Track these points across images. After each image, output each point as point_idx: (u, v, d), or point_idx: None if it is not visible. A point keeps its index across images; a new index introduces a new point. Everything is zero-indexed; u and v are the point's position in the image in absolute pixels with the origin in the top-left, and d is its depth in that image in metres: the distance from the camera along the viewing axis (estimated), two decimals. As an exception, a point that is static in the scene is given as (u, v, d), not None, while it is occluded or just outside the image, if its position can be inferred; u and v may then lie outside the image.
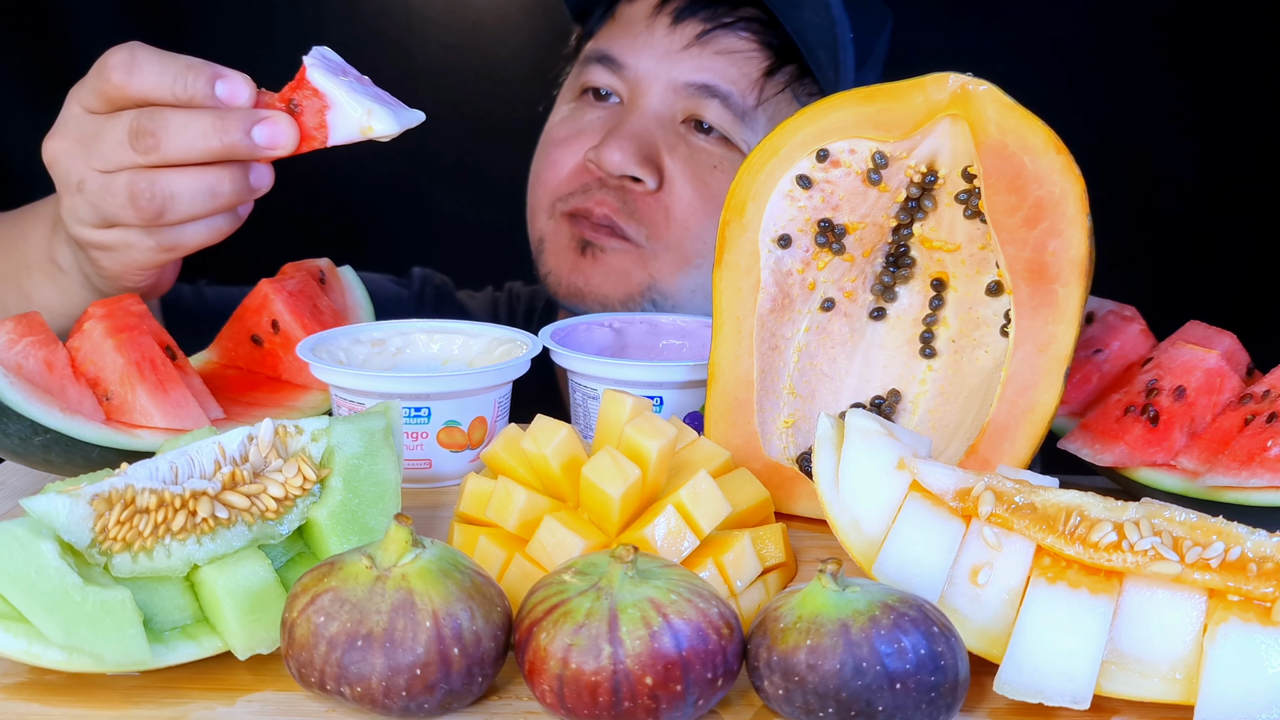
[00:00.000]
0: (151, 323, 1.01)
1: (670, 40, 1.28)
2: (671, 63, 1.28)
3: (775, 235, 0.95)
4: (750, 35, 1.28)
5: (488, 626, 0.67)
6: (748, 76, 1.28)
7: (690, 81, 1.28)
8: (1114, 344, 1.05)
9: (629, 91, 1.30)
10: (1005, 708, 0.71)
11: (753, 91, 1.28)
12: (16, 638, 0.68)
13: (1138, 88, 2.13)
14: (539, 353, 1.03)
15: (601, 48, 1.32)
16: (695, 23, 1.28)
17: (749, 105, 1.28)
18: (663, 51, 1.28)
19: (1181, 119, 2.13)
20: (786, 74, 1.29)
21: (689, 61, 1.28)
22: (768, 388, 0.96)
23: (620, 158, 1.26)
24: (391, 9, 2.28)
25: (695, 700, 0.65)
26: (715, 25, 1.27)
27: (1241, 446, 0.91)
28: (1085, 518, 0.72)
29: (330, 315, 1.11)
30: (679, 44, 1.28)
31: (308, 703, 0.70)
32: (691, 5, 1.28)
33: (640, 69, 1.29)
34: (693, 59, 1.28)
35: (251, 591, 0.72)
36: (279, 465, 0.76)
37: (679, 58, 1.28)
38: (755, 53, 1.28)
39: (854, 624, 0.65)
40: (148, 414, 0.95)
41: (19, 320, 0.95)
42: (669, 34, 1.28)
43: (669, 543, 0.76)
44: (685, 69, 1.28)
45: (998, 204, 0.89)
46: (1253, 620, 0.68)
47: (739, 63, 1.28)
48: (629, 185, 1.28)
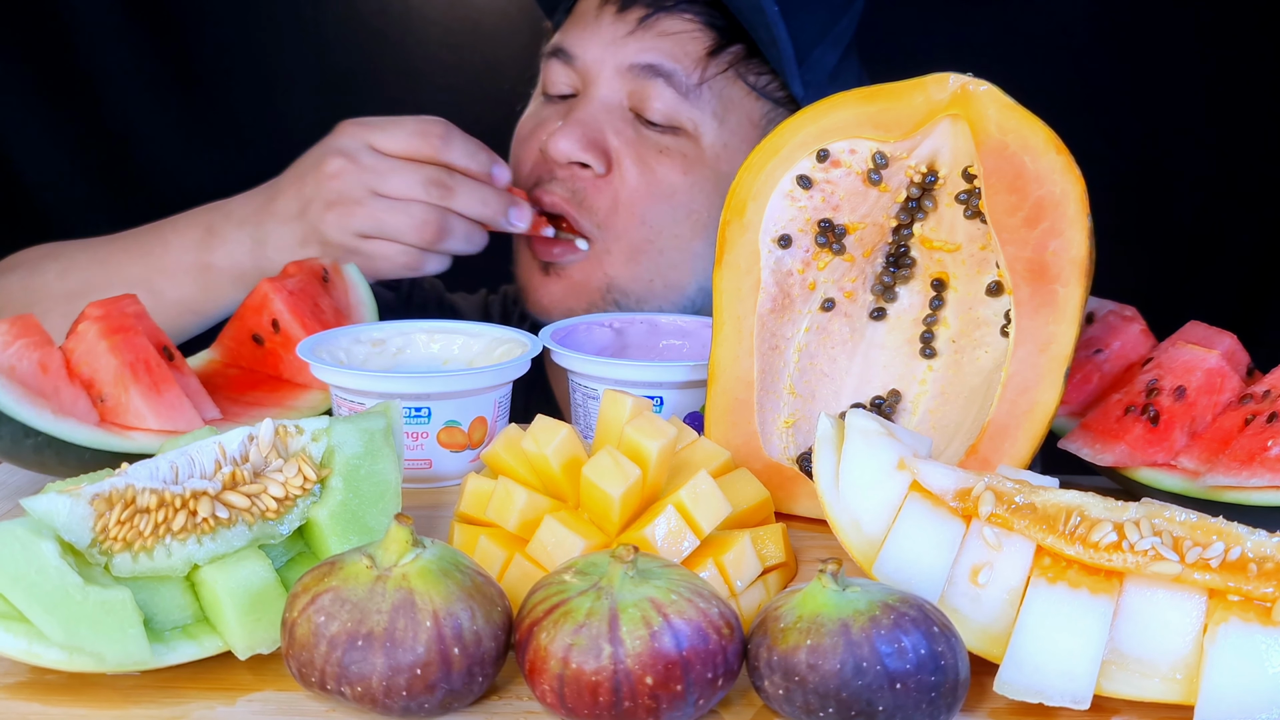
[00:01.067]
0: (148, 323, 1.01)
1: (616, 27, 1.30)
2: (617, 48, 1.30)
3: (775, 235, 0.95)
4: (692, 16, 1.30)
5: (488, 626, 0.67)
6: (691, 55, 1.30)
7: (635, 63, 1.29)
8: (1114, 344, 1.05)
9: (581, 82, 1.33)
10: (1005, 708, 0.71)
11: (696, 69, 1.30)
12: (17, 638, 0.68)
13: (1139, 88, 2.13)
14: (539, 353, 1.03)
15: (557, 42, 1.35)
16: (639, 8, 1.30)
17: (693, 83, 1.29)
18: (609, 38, 1.30)
19: (1182, 119, 2.13)
20: (731, 54, 1.31)
21: (633, 45, 1.30)
22: (768, 388, 0.96)
23: (567, 145, 1.28)
24: (391, 9, 2.28)
25: (695, 700, 0.65)
26: (657, 9, 1.30)
27: (1242, 446, 0.91)
28: (1085, 518, 0.72)
29: (332, 314, 1.11)
30: (624, 30, 1.30)
31: (308, 703, 0.70)
32: None
33: (588, 58, 1.31)
34: (637, 42, 1.30)
35: (252, 591, 0.72)
36: (279, 465, 0.76)
37: (624, 43, 1.30)
38: (699, 33, 1.30)
39: (854, 624, 0.65)
40: (141, 416, 0.95)
41: (13, 322, 0.95)
42: (615, 22, 1.31)
43: (669, 543, 0.76)
44: (630, 52, 1.29)
45: (998, 204, 0.89)
46: (1253, 620, 0.68)
47: (682, 42, 1.30)
48: (578, 172, 1.30)
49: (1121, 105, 2.13)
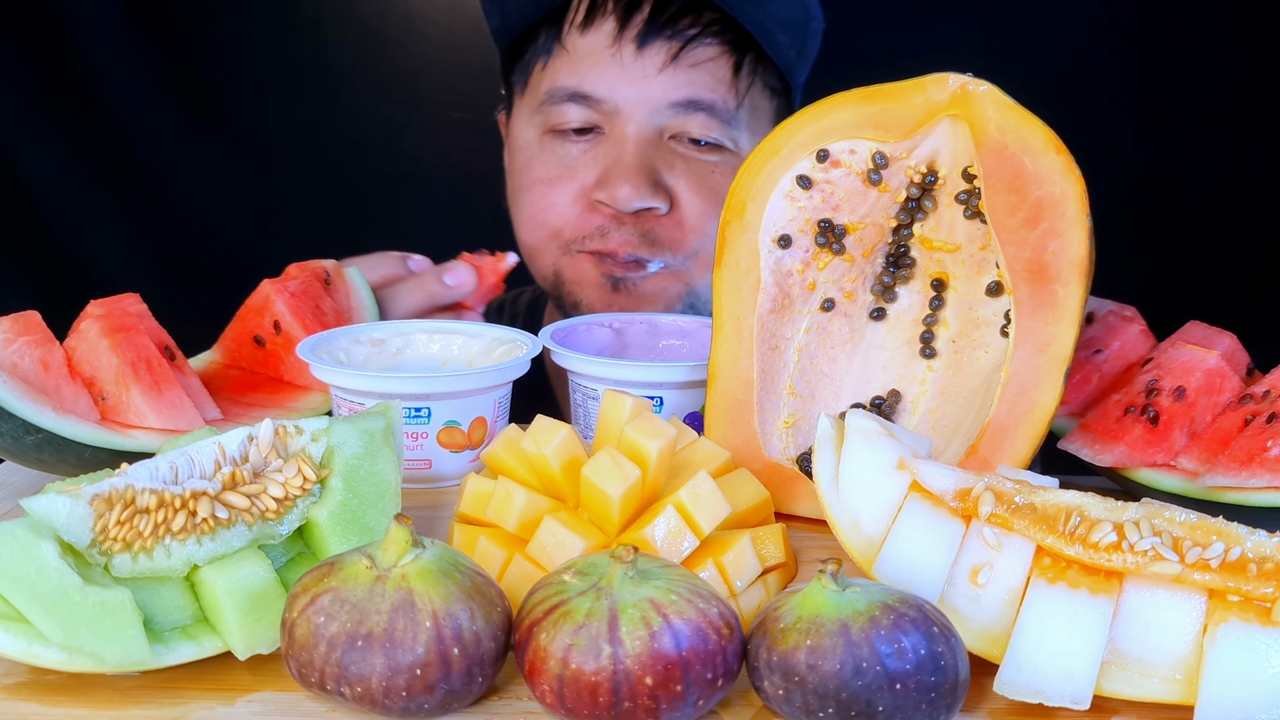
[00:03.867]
0: (150, 323, 1.01)
1: (641, 65, 1.29)
2: (649, 86, 1.29)
3: (775, 235, 0.95)
4: (713, 40, 1.30)
5: (488, 627, 0.67)
6: (724, 82, 1.31)
7: (674, 101, 1.29)
8: (1114, 344, 1.05)
9: (608, 122, 1.31)
10: (1005, 708, 0.71)
11: (731, 94, 1.31)
12: (16, 638, 0.68)
13: (1139, 89, 2.13)
14: (539, 353, 1.03)
15: (566, 85, 1.32)
16: (662, 42, 1.29)
17: (731, 109, 1.31)
18: (638, 77, 1.29)
19: (1183, 120, 2.13)
20: (750, 64, 1.32)
21: (666, 81, 1.29)
22: (768, 388, 0.96)
23: (630, 191, 1.28)
24: (391, 9, 2.28)
25: (695, 700, 0.65)
26: (684, 42, 1.29)
27: (1241, 447, 0.91)
28: (1085, 518, 0.72)
29: (333, 316, 1.11)
30: (653, 67, 1.29)
31: (308, 703, 0.70)
32: (652, 27, 1.29)
33: (618, 99, 1.30)
34: (669, 79, 1.29)
35: (251, 591, 0.72)
36: (279, 465, 0.76)
37: (655, 80, 1.29)
38: (723, 55, 1.31)
39: (854, 624, 0.65)
40: (142, 414, 0.95)
41: (15, 319, 0.95)
42: (638, 59, 1.29)
43: (669, 543, 0.76)
44: (665, 89, 1.29)
45: (998, 204, 0.89)
46: (1253, 620, 0.68)
47: (712, 70, 1.30)
48: (643, 215, 1.31)
49: (1121, 105, 2.13)
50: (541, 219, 1.35)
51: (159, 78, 2.24)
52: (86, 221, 2.28)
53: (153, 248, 2.31)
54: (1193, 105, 2.12)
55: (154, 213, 2.29)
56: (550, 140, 1.34)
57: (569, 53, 1.32)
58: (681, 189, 1.31)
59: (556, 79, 1.33)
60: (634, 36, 1.29)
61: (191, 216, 2.29)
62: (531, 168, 1.36)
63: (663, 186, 1.30)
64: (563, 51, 1.33)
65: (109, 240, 2.30)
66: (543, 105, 1.34)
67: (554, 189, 1.34)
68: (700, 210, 1.31)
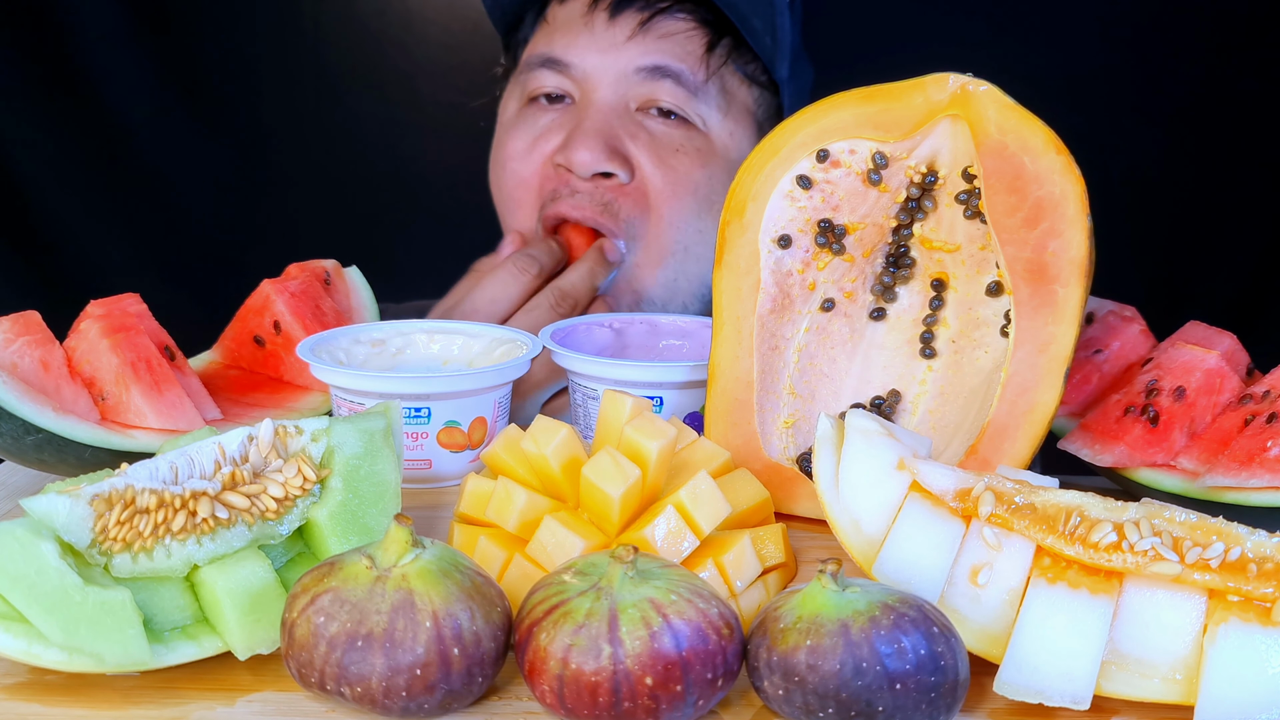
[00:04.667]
0: (150, 323, 1.01)
1: (612, 33, 1.31)
2: (618, 54, 1.31)
3: (775, 235, 0.95)
4: (686, 15, 1.32)
5: (488, 627, 0.67)
6: (693, 54, 1.31)
7: (641, 66, 1.30)
8: (1114, 344, 1.05)
9: (579, 89, 1.33)
10: (1005, 708, 0.71)
11: (700, 67, 1.31)
12: (16, 638, 0.68)
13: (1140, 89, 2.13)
14: (539, 353, 1.03)
15: (542, 51, 1.34)
16: (633, 13, 1.31)
17: (699, 80, 1.31)
18: (606, 45, 1.31)
19: (1184, 120, 2.13)
20: (725, 46, 1.33)
21: (634, 49, 1.30)
22: (768, 388, 0.96)
23: (589, 156, 1.28)
24: (391, 9, 2.28)
25: (695, 700, 0.65)
26: (654, 12, 1.31)
27: (1241, 447, 0.91)
28: (1085, 518, 0.72)
29: (333, 316, 1.11)
30: (622, 35, 1.31)
31: (308, 703, 0.70)
32: None
33: (587, 65, 1.31)
34: (637, 46, 1.30)
35: (251, 591, 0.72)
36: (279, 465, 0.76)
37: (624, 48, 1.31)
38: (694, 31, 1.32)
39: (854, 624, 0.65)
40: (142, 414, 0.95)
41: (15, 319, 0.95)
42: (609, 28, 1.31)
43: (669, 543, 0.76)
44: (632, 56, 1.30)
45: (998, 204, 0.89)
46: (1253, 620, 0.68)
47: (682, 42, 1.31)
48: (602, 182, 1.30)
49: (1122, 105, 2.13)
50: (516, 195, 1.36)
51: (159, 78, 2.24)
52: (86, 221, 2.28)
53: (153, 248, 2.31)
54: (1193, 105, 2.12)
55: (154, 213, 2.29)
56: (527, 110, 1.36)
57: (549, 24, 1.36)
58: (643, 159, 1.30)
59: (536, 49, 1.36)
60: (607, 5, 1.32)
61: (191, 217, 2.29)
62: (505, 143, 1.37)
63: (621, 154, 1.29)
64: (544, 24, 1.36)
65: (109, 240, 2.30)
66: (519, 74, 1.37)
67: (523, 159, 1.35)
68: (660, 187, 1.30)
